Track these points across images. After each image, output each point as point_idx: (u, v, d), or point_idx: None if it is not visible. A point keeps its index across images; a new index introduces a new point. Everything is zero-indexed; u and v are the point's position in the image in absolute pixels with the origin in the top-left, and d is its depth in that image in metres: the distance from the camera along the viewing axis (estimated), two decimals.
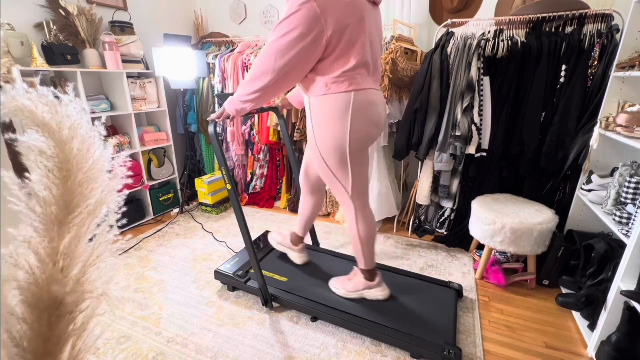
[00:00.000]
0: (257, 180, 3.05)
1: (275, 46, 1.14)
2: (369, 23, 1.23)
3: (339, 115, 1.24)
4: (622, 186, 1.43)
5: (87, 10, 2.26)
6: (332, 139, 1.27)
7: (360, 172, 1.38)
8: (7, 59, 1.86)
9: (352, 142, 1.27)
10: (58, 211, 0.48)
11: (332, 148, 1.29)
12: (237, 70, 2.75)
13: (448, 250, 2.24)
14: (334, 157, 1.31)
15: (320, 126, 1.29)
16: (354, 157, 1.31)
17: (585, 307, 1.52)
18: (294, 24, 1.10)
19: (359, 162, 1.35)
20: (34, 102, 0.47)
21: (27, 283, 0.48)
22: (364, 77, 1.25)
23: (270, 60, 1.16)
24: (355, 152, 1.31)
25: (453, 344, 1.36)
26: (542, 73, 1.87)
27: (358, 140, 1.28)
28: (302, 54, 1.14)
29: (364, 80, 1.25)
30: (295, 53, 1.13)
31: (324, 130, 1.29)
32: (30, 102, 0.47)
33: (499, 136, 2.02)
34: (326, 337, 1.52)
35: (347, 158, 1.30)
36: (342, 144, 1.27)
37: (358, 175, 1.37)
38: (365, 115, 1.27)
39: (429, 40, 2.55)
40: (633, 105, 1.49)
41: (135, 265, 2.09)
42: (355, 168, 1.34)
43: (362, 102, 1.25)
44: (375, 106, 1.30)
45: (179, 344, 1.48)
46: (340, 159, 1.31)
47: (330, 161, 1.33)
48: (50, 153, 0.48)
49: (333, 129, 1.26)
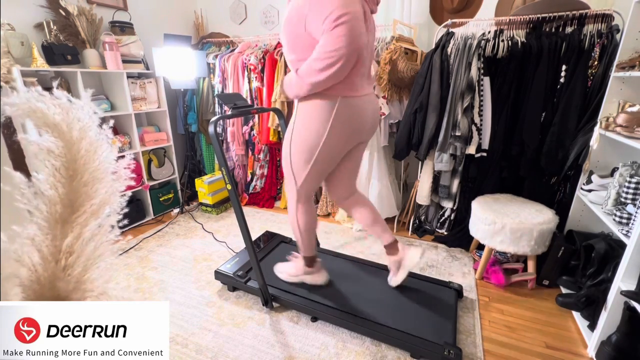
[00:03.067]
0: (257, 180, 3.05)
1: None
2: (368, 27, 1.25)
3: (320, 122, 1.30)
4: (622, 186, 1.43)
5: (87, 10, 2.26)
6: (306, 142, 1.35)
7: (316, 175, 1.45)
8: (7, 59, 1.86)
9: (323, 150, 1.35)
10: (62, 210, 0.48)
11: (302, 149, 1.37)
12: (237, 70, 2.75)
13: (448, 250, 2.24)
14: (300, 156, 1.40)
15: (299, 129, 1.37)
16: (318, 162, 1.39)
17: (585, 307, 1.52)
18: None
19: (319, 167, 1.42)
20: (46, 104, 0.48)
21: (29, 280, 0.48)
22: (353, 81, 1.28)
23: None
24: (321, 159, 1.38)
25: (453, 344, 1.36)
26: (542, 73, 1.87)
27: (330, 149, 1.36)
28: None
29: (353, 87, 1.29)
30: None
31: (302, 132, 1.36)
32: (43, 104, 0.48)
33: (499, 136, 2.02)
34: (326, 337, 1.52)
35: (310, 162, 1.39)
36: (312, 149, 1.35)
37: (312, 177, 1.45)
38: (348, 122, 1.33)
39: (429, 40, 2.55)
40: (633, 105, 1.50)
41: (135, 265, 2.09)
42: (313, 168, 1.41)
43: (346, 110, 1.30)
44: (360, 114, 1.36)
45: (179, 344, 1.48)
46: (305, 160, 1.39)
47: (295, 157, 1.41)
48: (58, 152, 0.48)
49: (310, 133, 1.34)
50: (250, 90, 2.76)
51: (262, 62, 2.65)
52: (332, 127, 1.30)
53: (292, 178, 1.48)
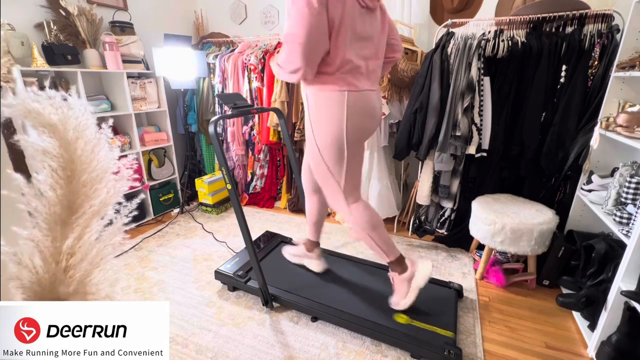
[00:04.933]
0: (257, 180, 3.05)
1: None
2: (360, 24, 1.23)
3: (334, 110, 1.27)
4: (622, 186, 1.43)
5: (87, 10, 2.26)
6: (330, 132, 1.30)
7: (354, 166, 1.40)
8: (7, 58, 1.86)
9: (350, 133, 1.29)
10: (61, 211, 0.48)
11: (330, 141, 1.31)
12: (237, 70, 2.75)
13: (448, 250, 2.24)
14: (331, 151, 1.33)
15: (318, 121, 1.32)
16: (351, 149, 1.33)
17: (586, 307, 1.52)
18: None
19: (355, 155, 1.37)
20: (42, 104, 0.48)
21: (30, 282, 0.48)
22: (356, 77, 1.27)
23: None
24: (352, 144, 1.33)
25: (453, 344, 1.36)
26: (542, 73, 1.87)
27: (355, 132, 1.31)
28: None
29: (356, 82, 1.28)
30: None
31: (321, 125, 1.31)
32: (39, 104, 0.48)
33: (499, 136, 2.02)
34: (326, 337, 1.52)
35: (344, 151, 1.32)
36: (339, 136, 1.29)
37: (352, 170, 1.39)
38: (360, 109, 1.30)
39: (429, 40, 2.55)
40: (633, 105, 1.50)
41: (135, 265, 2.09)
42: (351, 161, 1.36)
43: (356, 99, 1.28)
44: (367, 105, 1.33)
45: (179, 344, 1.48)
46: (338, 152, 1.33)
47: (328, 155, 1.34)
48: (55, 153, 0.48)
49: (330, 122, 1.29)
50: (250, 90, 2.76)
51: (262, 62, 2.65)
52: (348, 113, 1.27)
53: (332, 180, 1.40)
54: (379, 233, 1.48)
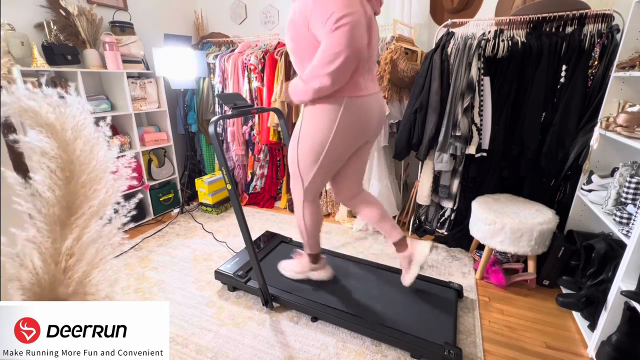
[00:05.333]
0: (257, 180, 3.05)
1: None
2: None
3: (326, 123, 1.31)
4: (622, 186, 1.43)
5: (87, 10, 2.26)
6: (313, 143, 1.37)
7: (323, 174, 1.46)
8: (7, 58, 1.86)
9: (330, 150, 1.36)
10: (60, 212, 0.48)
11: (309, 150, 1.38)
12: (237, 70, 2.75)
13: (448, 250, 2.24)
14: (307, 157, 1.41)
15: (306, 130, 1.38)
16: (325, 162, 1.40)
17: (586, 307, 1.52)
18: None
19: (326, 167, 1.43)
20: (38, 102, 0.47)
21: (29, 283, 0.48)
22: (358, 82, 1.29)
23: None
24: (328, 159, 1.39)
25: (453, 344, 1.36)
26: (542, 73, 1.87)
27: (337, 148, 1.37)
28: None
29: (358, 87, 1.29)
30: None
31: (309, 133, 1.37)
32: (35, 102, 0.47)
33: (499, 136, 2.02)
34: (326, 337, 1.52)
35: (317, 162, 1.40)
36: (319, 150, 1.37)
37: (319, 177, 1.46)
38: (354, 122, 1.34)
39: (429, 40, 2.55)
40: (633, 105, 1.49)
41: (135, 265, 2.09)
42: (320, 168, 1.42)
43: (352, 110, 1.31)
44: (366, 113, 1.36)
45: (179, 344, 1.48)
46: (312, 160, 1.40)
47: (302, 158, 1.42)
48: (53, 154, 0.48)
49: (317, 134, 1.35)
50: (250, 90, 2.76)
51: (262, 62, 2.65)
52: (338, 128, 1.31)
53: (299, 178, 1.49)
54: (315, 233, 1.63)
